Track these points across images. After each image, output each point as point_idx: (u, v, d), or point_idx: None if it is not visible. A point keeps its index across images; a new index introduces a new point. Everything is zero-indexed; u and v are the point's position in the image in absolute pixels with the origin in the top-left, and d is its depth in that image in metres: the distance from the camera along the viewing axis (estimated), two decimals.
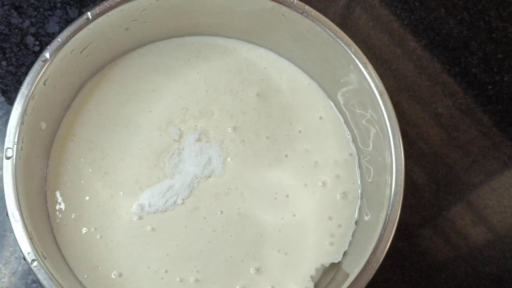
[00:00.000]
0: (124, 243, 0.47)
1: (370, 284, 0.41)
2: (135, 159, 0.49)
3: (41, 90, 0.43)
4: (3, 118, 0.56)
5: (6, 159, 0.41)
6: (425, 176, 0.58)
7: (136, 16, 0.48)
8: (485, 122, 0.60)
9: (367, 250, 0.42)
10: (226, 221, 0.48)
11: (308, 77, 0.54)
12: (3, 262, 0.51)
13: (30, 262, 0.39)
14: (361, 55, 0.45)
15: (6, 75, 0.56)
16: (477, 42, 0.63)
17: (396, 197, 0.43)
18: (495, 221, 0.58)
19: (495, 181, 0.59)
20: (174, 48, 0.53)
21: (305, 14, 0.46)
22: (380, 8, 0.63)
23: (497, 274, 0.56)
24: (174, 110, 0.51)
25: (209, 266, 0.47)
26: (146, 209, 0.48)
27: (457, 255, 0.57)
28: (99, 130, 0.50)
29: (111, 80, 0.51)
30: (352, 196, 0.50)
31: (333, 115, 0.53)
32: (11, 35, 0.57)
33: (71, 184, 0.48)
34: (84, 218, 0.47)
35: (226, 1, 0.48)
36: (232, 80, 0.53)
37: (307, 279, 0.48)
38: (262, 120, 0.52)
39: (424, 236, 0.57)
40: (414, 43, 0.62)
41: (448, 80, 0.61)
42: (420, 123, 0.60)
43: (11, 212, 0.40)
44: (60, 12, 0.59)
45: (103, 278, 0.46)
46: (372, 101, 0.45)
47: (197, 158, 0.50)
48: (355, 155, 0.52)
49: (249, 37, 0.54)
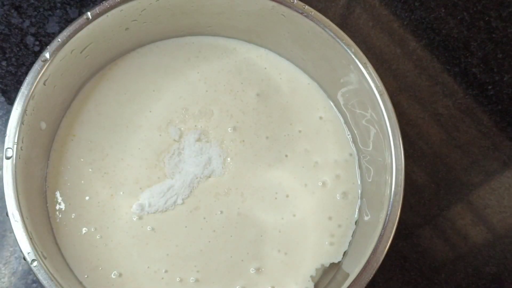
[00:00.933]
0: (124, 243, 0.47)
1: (370, 284, 0.41)
2: (135, 159, 0.49)
3: (41, 90, 0.43)
4: (3, 118, 0.56)
5: (6, 159, 0.41)
6: (425, 176, 0.58)
7: (136, 16, 0.48)
8: (485, 122, 0.60)
9: (367, 250, 0.42)
10: (226, 221, 0.48)
11: (308, 77, 0.54)
12: (3, 262, 0.51)
13: (30, 262, 0.39)
14: (361, 55, 0.45)
15: (6, 75, 0.56)
16: (477, 42, 0.63)
17: (396, 197, 0.43)
18: (495, 221, 0.58)
19: (495, 181, 0.59)
20: (174, 48, 0.53)
21: (305, 14, 0.46)
22: (380, 8, 0.63)
23: (497, 274, 0.56)
24: (174, 110, 0.51)
25: (209, 266, 0.47)
26: (146, 209, 0.48)
27: (457, 255, 0.57)
28: (99, 130, 0.50)
29: (111, 80, 0.51)
30: (352, 196, 0.50)
31: (333, 115, 0.53)
32: (11, 35, 0.57)
33: (71, 184, 0.48)
34: (84, 218, 0.47)
35: (226, 1, 0.48)
36: (232, 80, 0.53)
37: (307, 279, 0.48)
38: (262, 120, 0.52)
39: (424, 236, 0.57)
40: (414, 43, 0.62)
41: (448, 80, 0.61)
42: (420, 123, 0.60)
43: (11, 212, 0.40)
44: (60, 12, 0.59)
45: (103, 278, 0.46)
46: (372, 101, 0.45)
47: (197, 158, 0.50)
48: (355, 155, 0.52)
49: (249, 37, 0.54)
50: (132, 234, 0.47)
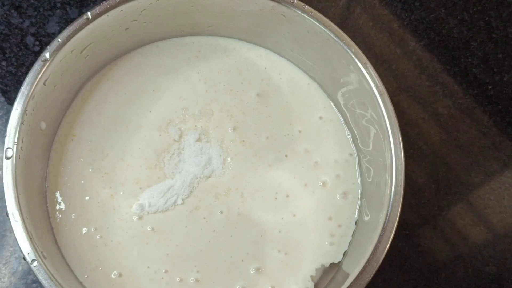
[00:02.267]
0: (124, 243, 0.47)
1: (370, 284, 0.41)
2: (135, 159, 0.49)
3: (41, 90, 0.43)
4: (3, 118, 0.56)
5: (6, 159, 0.41)
6: (425, 176, 0.58)
7: (136, 16, 0.48)
8: (485, 122, 0.60)
9: (367, 250, 0.42)
10: (226, 221, 0.48)
11: (308, 77, 0.54)
12: (3, 262, 0.51)
13: (30, 262, 0.39)
14: (361, 55, 0.45)
15: (6, 75, 0.56)
16: (477, 42, 0.63)
17: (396, 197, 0.43)
18: (495, 221, 0.58)
19: (495, 181, 0.59)
20: (174, 48, 0.53)
21: (305, 14, 0.46)
22: (380, 8, 0.63)
23: (497, 274, 0.56)
24: (174, 110, 0.51)
25: (209, 266, 0.47)
26: (146, 209, 0.48)
27: (457, 255, 0.57)
28: (99, 130, 0.50)
29: (111, 80, 0.51)
30: (352, 196, 0.50)
31: (333, 115, 0.53)
32: (11, 35, 0.57)
33: (71, 184, 0.48)
34: (84, 218, 0.47)
35: (226, 1, 0.48)
36: (232, 80, 0.53)
37: (307, 279, 0.48)
38: (262, 120, 0.52)
39: (424, 236, 0.57)
40: (414, 43, 0.62)
41: (448, 80, 0.61)
42: (420, 123, 0.60)
43: (11, 212, 0.40)
44: (60, 12, 0.59)
45: (103, 278, 0.46)
46: (372, 101, 0.45)
47: (197, 158, 0.50)
48: (355, 155, 0.52)
49: (249, 37, 0.54)
50: (132, 234, 0.47)
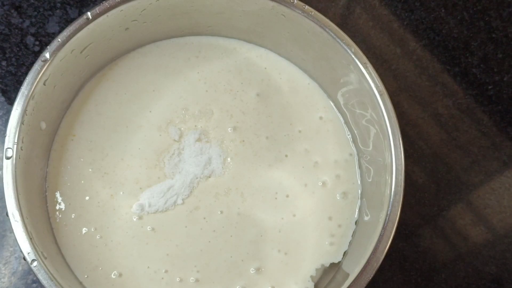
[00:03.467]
0: (124, 243, 0.47)
1: (370, 284, 0.41)
2: (135, 159, 0.49)
3: (41, 90, 0.43)
4: (3, 118, 0.56)
5: (6, 159, 0.41)
6: (425, 176, 0.58)
7: (136, 16, 0.48)
8: (485, 122, 0.60)
9: (367, 250, 0.42)
10: (226, 221, 0.48)
11: (308, 77, 0.54)
12: (3, 262, 0.51)
13: (30, 262, 0.39)
14: (361, 55, 0.45)
15: (6, 75, 0.56)
16: (477, 42, 0.63)
17: (396, 197, 0.43)
18: (495, 221, 0.58)
19: (495, 181, 0.59)
20: (174, 48, 0.53)
21: (305, 14, 0.46)
22: (380, 8, 0.63)
23: (497, 274, 0.56)
24: (174, 110, 0.51)
25: (209, 266, 0.47)
26: (146, 209, 0.48)
27: (457, 255, 0.57)
28: (99, 130, 0.50)
29: (111, 80, 0.51)
30: (352, 196, 0.50)
31: (333, 115, 0.53)
32: (11, 35, 0.57)
33: (71, 184, 0.48)
34: (84, 218, 0.47)
35: (226, 1, 0.48)
36: (232, 80, 0.53)
37: (307, 279, 0.48)
38: (262, 120, 0.52)
39: (424, 236, 0.57)
40: (414, 43, 0.62)
41: (448, 80, 0.61)
42: (420, 123, 0.60)
43: (11, 212, 0.40)
44: (60, 12, 0.59)
45: (103, 278, 0.46)
46: (372, 101, 0.45)
47: (197, 158, 0.50)
48: (355, 155, 0.52)
49: (249, 37, 0.54)
50: (132, 234, 0.47)
